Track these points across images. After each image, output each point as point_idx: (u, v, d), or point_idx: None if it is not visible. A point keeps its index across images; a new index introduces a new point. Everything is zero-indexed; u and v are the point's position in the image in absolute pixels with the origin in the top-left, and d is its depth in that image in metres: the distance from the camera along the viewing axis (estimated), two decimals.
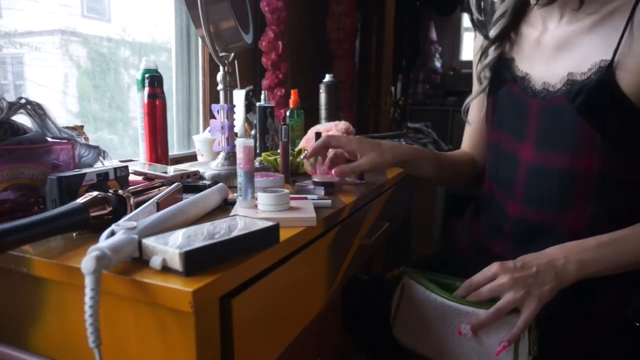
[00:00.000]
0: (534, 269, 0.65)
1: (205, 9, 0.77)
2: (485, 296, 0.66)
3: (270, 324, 0.54)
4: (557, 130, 0.72)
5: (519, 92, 0.78)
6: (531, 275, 0.64)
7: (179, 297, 0.40)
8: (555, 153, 0.72)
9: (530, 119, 0.75)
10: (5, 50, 1.02)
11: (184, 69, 1.43)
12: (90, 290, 0.38)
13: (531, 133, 0.75)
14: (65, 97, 1.16)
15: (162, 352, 0.43)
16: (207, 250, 0.44)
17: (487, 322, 0.65)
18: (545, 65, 0.75)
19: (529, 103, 0.76)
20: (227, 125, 0.87)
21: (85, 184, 0.61)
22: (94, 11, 1.22)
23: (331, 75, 1.43)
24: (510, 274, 0.65)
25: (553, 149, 0.72)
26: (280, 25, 1.56)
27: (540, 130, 0.74)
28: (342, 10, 1.97)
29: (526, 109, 0.76)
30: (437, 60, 4.11)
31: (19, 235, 0.42)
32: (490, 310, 0.64)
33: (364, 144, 0.83)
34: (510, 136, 0.80)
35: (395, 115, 2.62)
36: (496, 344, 0.64)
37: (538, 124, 0.74)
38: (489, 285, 0.66)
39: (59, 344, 0.49)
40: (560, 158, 0.71)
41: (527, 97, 0.76)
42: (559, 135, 0.71)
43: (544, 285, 0.64)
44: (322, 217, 0.64)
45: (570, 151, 0.70)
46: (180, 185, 0.65)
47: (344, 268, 0.78)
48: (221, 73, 0.86)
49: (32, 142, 0.61)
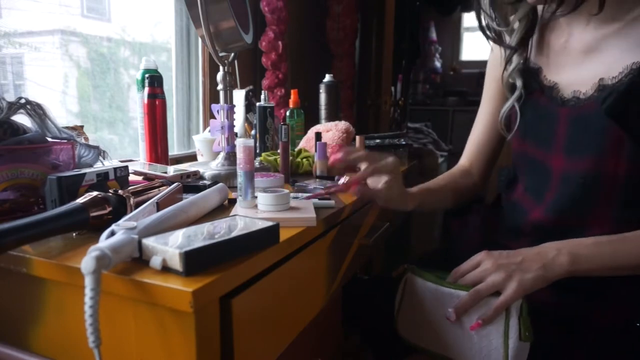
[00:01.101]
0: (520, 258, 0.66)
1: (205, 9, 0.77)
2: (469, 282, 0.67)
3: (270, 324, 0.54)
4: (585, 136, 0.70)
5: (546, 102, 0.77)
6: (516, 262, 0.65)
7: (179, 297, 0.40)
8: (582, 158, 0.70)
9: (559, 128, 0.74)
10: (5, 50, 1.02)
11: (184, 69, 1.43)
12: (90, 290, 0.38)
13: (560, 142, 0.74)
14: (65, 97, 1.16)
15: (162, 352, 0.43)
16: (207, 250, 0.44)
17: (467, 304, 0.65)
18: (574, 71, 0.74)
19: (558, 113, 0.74)
20: (227, 125, 0.87)
21: (85, 184, 0.61)
22: (94, 11, 1.22)
23: (331, 75, 1.43)
24: (495, 260, 0.66)
25: (580, 154, 0.71)
26: (280, 25, 1.57)
27: (569, 138, 0.73)
28: (342, 10, 1.97)
29: (555, 119, 0.75)
30: (437, 60, 4.11)
31: (19, 235, 0.42)
32: (470, 292, 0.65)
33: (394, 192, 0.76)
34: (535, 146, 0.78)
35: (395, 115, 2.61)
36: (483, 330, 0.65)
37: (567, 132, 0.73)
38: (474, 272, 0.67)
39: (59, 344, 0.49)
40: (586, 162, 0.70)
41: (556, 106, 0.75)
42: (587, 140, 0.70)
43: (528, 272, 0.64)
44: (322, 217, 0.64)
45: (597, 155, 0.69)
46: (180, 185, 0.65)
47: (344, 268, 0.78)
48: (221, 73, 0.86)
49: (32, 142, 0.61)
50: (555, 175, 0.75)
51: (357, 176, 0.71)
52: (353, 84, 2.14)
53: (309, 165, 1.03)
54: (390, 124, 2.42)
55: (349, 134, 1.10)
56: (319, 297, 0.68)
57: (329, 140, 1.07)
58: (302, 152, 1.07)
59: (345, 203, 0.74)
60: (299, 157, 1.05)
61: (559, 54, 0.77)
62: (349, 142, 1.10)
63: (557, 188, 0.74)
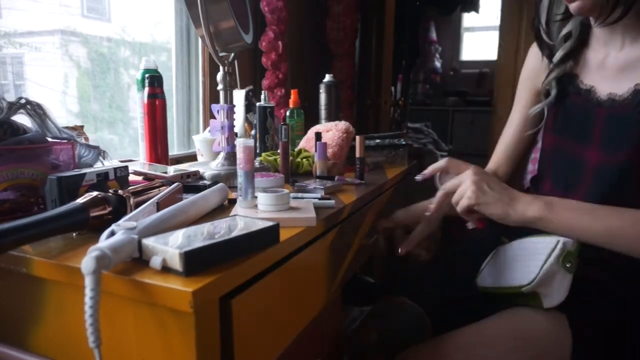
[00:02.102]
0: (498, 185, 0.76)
1: (205, 9, 0.77)
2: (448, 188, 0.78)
3: (271, 324, 0.54)
4: (621, 133, 0.77)
5: (583, 102, 0.84)
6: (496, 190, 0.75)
7: (179, 297, 0.40)
8: (618, 152, 0.77)
9: (596, 125, 0.81)
10: (5, 50, 1.02)
11: (184, 69, 1.43)
12: (90, 291, 0.38)
13: (597, 138, 0.80)
14: (65, 97, 1.16)
15: (162, 352, 0.43)
16: (207, 250, 0.44)
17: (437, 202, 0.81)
18: (611, 82, 0.81)
19: (595, 112, 0.81)
20: (227, 125, 0.87)
21: (85, 184, 0.61)
22: (94, 11, 1.22)
23: (331, 75, 1.43)
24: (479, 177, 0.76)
25: (616, 148, 0.77)
26: (280, 25, 1.57)
27: (605, 135, 0.79)
28: (342, 10, 1.97)
29: (592, 117, 0.81)
30: (437, 60, 4.11)
31: (19, 235, 0.42)
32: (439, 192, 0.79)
33: None
34: (572, 142, 0.85)
35: (395, 115, 2.62)
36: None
37: (603, 130, 0.80)
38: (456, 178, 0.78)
39: (59, 344, 0.49)
40: (621, 155, 0.76)
41: (593, 106, 0.82)
42: (623, 136, 0.76)
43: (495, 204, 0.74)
44: (322, 217, 0.64)
45: (631, 149, 0.75)
46: (180, 185, 0.65)
47: (344, 268, 0.78)
48: (221, 73, 0.86)
49: (32, 142, 0.61)
50: (588, 168, 0.81)
51: None
52: (353, 84, 2.14)
53: (309, 165, 1.03)
54: (390, 124, 2.42)
55: (349, 134, 1.10)
56: (319, 297, 0.68)
57: (329, 140, 1.07)
58: (302, 152, 1.07)
59: (345, 203, 0.74)
60: (299, 157, 1.05)
61: (596, 70, 0.84)
62: (349, 142, 1.10)
63: (591, 180, 0.81)
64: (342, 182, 0.89)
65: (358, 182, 0.93)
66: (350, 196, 0.80)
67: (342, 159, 1.07)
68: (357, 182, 0.93)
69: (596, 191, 0.79)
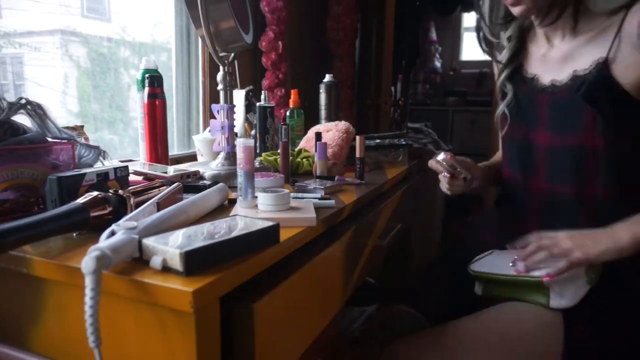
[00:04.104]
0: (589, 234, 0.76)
1: (205, 9, 0.77)
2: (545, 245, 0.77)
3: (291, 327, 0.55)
4: (565, 117, 0.84)
5: (527, 90, 0.92)
6: (586, 235, 0.76)
7: (179, 297, 0.40)
8: (567, 135, 0.84)
9: (541, 110, 0.88)
10: (5, 50, 1.02)
11: (184, 69, 1.43)
12: (91, 290, 0.38)
13: (543, 121, 0.88)
14: (65, 97, 1.16)
15: (162, 352, 0.43)
16: (207, 250, 0.44)
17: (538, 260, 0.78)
18: (553, 71, 0.88)
19: (538, 97, 0.89)
20: (227, 125, 0.87)
21: (85, 184, 0.61)
22: (94, 11, 1.22)
23: (331, 75, 1.43)
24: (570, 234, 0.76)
25: (564, 132, 0.85)
26: (280, 25, 1.56)
27: (551, 118, 0.87)
28: (342, 10, 1.96)
29: (536, 102, 0.89)
30: (437, 60, 4.11)
31: (19, 235, 0.42)
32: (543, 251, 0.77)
33: None
34: (524, 128, 0.92)
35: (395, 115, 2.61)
36: None
37: (548, 113, 0.87)
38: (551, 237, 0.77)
39: (59, 344, 0.49)
40: (572, 138, 0.83)
41: (537, 92, 0.89)
42: (567, 120, 0.84)
43: (595, 245, 0.74)
44: (322, 217, 0.64)
45: (578, 132, 0.82)
46: (180, 185, 0.65)
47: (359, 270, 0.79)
48: (221, 73, 0.86)
49: (32, 142, 0.61)
50: (540, 150, 0.89)
51: None
52: (353, 84, 2.14)
53: (309, 165, 1.03)
54: (390, 124, 2.42)
55: (349, 134, 1.10)
56: (337, 299, 0.69)
57: (329, 140, 1.06)
58: (302, 152, 1.07)
59: (345, 203, 0.74)
60: (299, 157, 1.05)
61: (540, 63, 0.91)
62: (349, 142, 1.10)
63: (544, 161, 0.88)
64: (342, 182, 0.89)
65: (358, 182, 0.93)
66: (350, 196, 0.80)
67: (342, 159, 1.07)
68: (357, 182, 0.93)
69: (552, 170, 0.87)
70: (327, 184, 0.83)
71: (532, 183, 0.91)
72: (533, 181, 0.91)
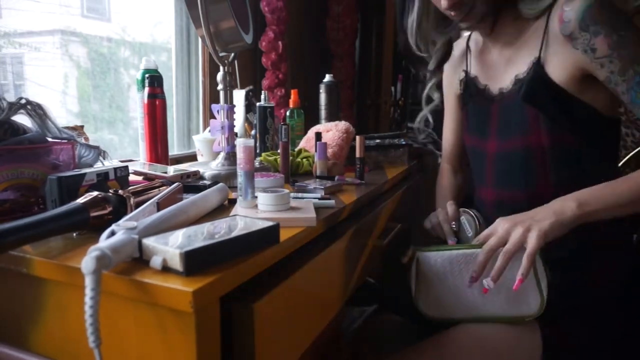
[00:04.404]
0: (533, 212, 0.75)
1: (205, 9, 0.77)
2: (494, 245, 0.74)
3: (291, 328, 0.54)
4: (511, 120, 0.86)
5: (481, 101, 0.95)
6: (530, 216, 0.74)
7: (179, 297, 0.40)
8: (512, 138, 0.86)
9: (492, 119, 0.91)
10: (5, 50, 1.02)
11: (184, 69, 1.43)
12: (91, 290, 0.38)
13: (493, 130, 0.91)
14: (65, 97, 1.16)
15: (162, 352, 0.43)
16: (207, 250, 0.44)
17: (501, 268, 0.72)
18: (499, 79, 0.91)
19: (490, 108, 0.92)
20: (227, 125, 0.87)
21: (85, 184, 0.61)
22: (94, 11, 1.22)
23: (331, 75, 1.43)
24: (511, 220, 0.75)
25: (510, 135, 0.87)
26: (280, 25, 1.56)
27: (500, 125, 0.89)
28: (342, 10, 1.96)
29: (489, 112, 0.92)
30: None
31: (19, 235, 0.42)
32: (500, 256, 0.73)
33: None
34: (477, 137, 0.96)
35: (395, 115, 2.61)
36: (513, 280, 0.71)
37: (498, 121, 0.90)
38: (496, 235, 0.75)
39: (59, 344, 0.49)
40: (517, 141, 0.85)
41: (488, 103, 0.93)
42: (513, 123, 0.86)
43: (543, 221, 0.72)
44: (322, 217, 0.64)
45: (523, 133, 0.84)
46: (180, 185, 0.65)
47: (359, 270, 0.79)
48: (221, 73, 0.86)
49: (32, 142, 0.61)
50: (488, 158, 0.92)
51: None
52: (353, 84, 2.14)
53: (309, 165, 1.03)
54: (390, 124, 2.41)
55: (349, 134, 1.10)
56: (336, 299, 0.69)
57: (329, 140, 1.06)
58: (302, 152, 1.07)
59: (345, 203, 0.74)
60: (299, 157, 1.05)
61: (490, 68, 0.94)
62: (349, 142, 1.10)
63: (493, 167, 0.91)
64: (342, 182, 0.89)
65: (358, 182, 0.93)
66: (350, 196, 0.80)
67: (342, 159, 1.07)
68: (357, 182, 0.93)
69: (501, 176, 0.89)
70: (327, 184, 0.83)
71: (483, 192, 0.94)
72: (483, 189, 0.94)
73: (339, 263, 0.69)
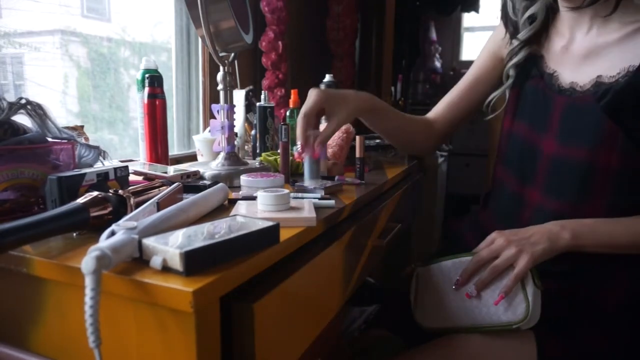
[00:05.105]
0: (529, 233, 0.74)
1: (205, 9, 0.77)
2: (485, 257, 0.74)
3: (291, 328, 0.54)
4: (581, 127, 0.75)
5: (544, 87, 0.82)
6: (525, 237, 0.73)
7: (179, 297, 0.40)
8: (578, 147, 0.76)
9: (554, 113, 0.79)
10: (5, 50, 1.02)
11: (184, 69, 1.43)
12: (91, 290, 0.38)
13: (554, 127, 0.79)
14: (65, 97, 1.16)
15: (162, 352, 0.43)
16: (207, 250, 0.44)
17: (487, 279, 0.73)
18: (574, 69, 0.79)
19: (555, 99, 0.80)
20: (227, 125, 0.87)
21: (85, 184, 0.61)
22: (94, 11, 1.22)
23: (331, 75, 1.43)
24: (506, 237, 0.74)
25: (575, 143, 0.76)
26: (280, 25, 1.56)
27: (563, 125, 0.78)
28: (342, 10, 1.96)
29: (551, 104, 0.80)
30: (437, 60, 4.11)
31: (19, 235, 0.42)
32: (488, 269, 0.73)
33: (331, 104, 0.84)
34: (530, 129, 0.84)
35: None
36: None
37: (562, 119, 0.78)
38: (489, 248, 0.75)
39: (59, 344, 0.49)
40: (582, 152, 0.75)
41: (553, 93, 0.80)
42: (583, 131, 0.75)
43: (537, 245, 0.72)
44: (322, 217, 0.64)
45: (592, 147, 0.73)
46: (180, 185, 0.65)
47: (359, 271, 0.79)
48: (221, 73, 0.86)
49: (32, 142, 0.61)
50: (544, 157, 0.81)
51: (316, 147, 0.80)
52: (353, 84, 2.14)
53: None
54: None
55: (349, 134, 1.10)
56: (336, 299, 0.69)
57: (329, 140, 1.06)
58: None
59: (345, 203, 0.74)
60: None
61: (560, 54, 0.82)
62: (349, 142, 1.10)
63: (548, 170, 0.80)
64: (342, 182, 0.89)
65: (358, 182, 0.93)
66: (350, 196, 0.80)
67: (342, 159, 1.07)
68: (357, 182, 0.93)
69: (554, 182, 0.80)
70: (327, 184, 0.83)
71: (527, 191, 0.84)
72: (528, 189, 0.84)
73: (339, 263, 0.69)
